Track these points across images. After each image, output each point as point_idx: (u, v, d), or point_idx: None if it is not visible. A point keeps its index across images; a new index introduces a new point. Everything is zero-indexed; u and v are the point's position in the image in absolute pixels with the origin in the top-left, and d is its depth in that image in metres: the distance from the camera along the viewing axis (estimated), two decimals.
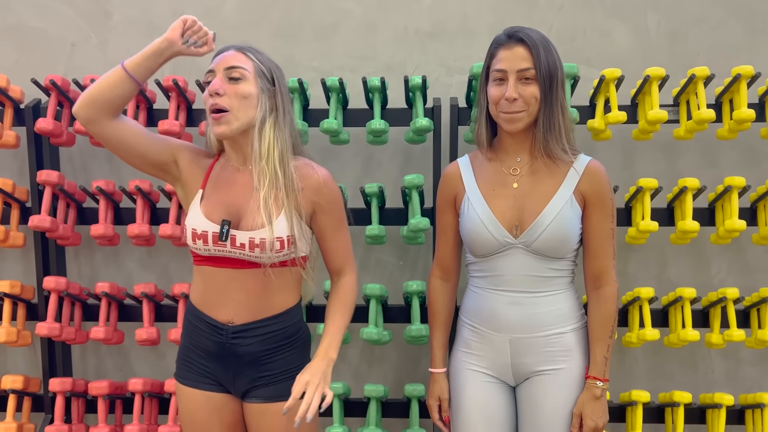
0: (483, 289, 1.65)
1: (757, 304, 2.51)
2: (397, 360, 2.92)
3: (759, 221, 2.53)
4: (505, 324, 1.62)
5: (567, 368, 1.61)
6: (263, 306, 1.55)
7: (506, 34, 1.63)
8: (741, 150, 2.71)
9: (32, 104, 2.63)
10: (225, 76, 1.48)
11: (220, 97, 1.46)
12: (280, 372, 1.58)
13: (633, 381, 2.83)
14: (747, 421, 2.59)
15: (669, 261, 2.80)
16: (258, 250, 1.49)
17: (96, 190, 2.57)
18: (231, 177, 1.55)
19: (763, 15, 2.69)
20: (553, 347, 1.61)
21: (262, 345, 1.56)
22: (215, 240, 1.50)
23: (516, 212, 1.59)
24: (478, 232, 1.61)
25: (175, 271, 2.91)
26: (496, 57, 1.60)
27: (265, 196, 1.49)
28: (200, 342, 1.58)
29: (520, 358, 1.61)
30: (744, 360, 2.84)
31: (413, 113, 2.55)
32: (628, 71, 2.53)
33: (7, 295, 2.58)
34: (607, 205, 1.60)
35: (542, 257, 1.58)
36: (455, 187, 1.70)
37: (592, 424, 1.56)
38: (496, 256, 1.61)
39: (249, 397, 1.58)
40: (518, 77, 1.54)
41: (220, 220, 1.50)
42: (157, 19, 2.83)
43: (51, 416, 2.71)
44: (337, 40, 2.80)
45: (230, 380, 1.58)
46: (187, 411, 1.60)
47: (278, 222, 1.49)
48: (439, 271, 1.79)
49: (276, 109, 1.53)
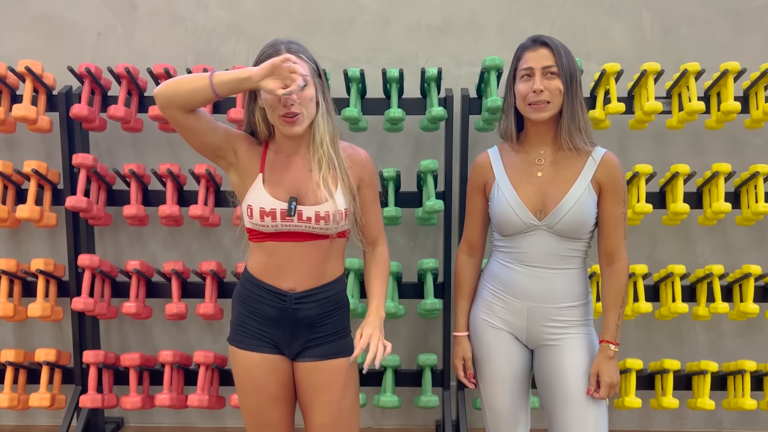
0: (507, 262, 1.85)
1: (739, 279, 2.75)
2: (407, 334, 3.12)
3: (742, 204, 2.76)
4: (524, 294, 1.82)
5: (576, 335, 1.82)
6: (321, 274, 1.73)
7: (531, 40, 1.80)
8: (726, 139, 2.95)
9: (65, 91, 2.76)
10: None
11: (293, 106, 1.61)
12: (330, 334, 1.75)
13: (626, 352, 3.06)
14: (729, 387, 2.84)
15: (659, 241, 3.04)
16: (323, 222, 1.66)
17: (128, 173, 2.70)
18: (286, 161, 1.71)
19: (748, 14, 2.92)
20: (564, 317, 1.82)
21: (318, 309, 1.73)
22: (283, 216, 1.66)
23: (540, 198, 1.79)
24: (506, 215, 1.81)
25: (197, 250, 3.07)
26: (523, 59, 1.78)
27: (324, 175, 1.66)
28: (260, 309, 1.74)
29: (534, 324, 1.82)
30: (725, 333, 3.09)
31: (427, 103, 2.74)
32: (624, 66, 2.74)
33: (41, 272, 2.72)
34: (620, 192, 1.80)
35: (562, 238, 1.79)
36: (485, 174, 1.89)
37: (608, 380, 1.77)
38: (521, 236, 1.81)
39: (302, 357, 1.75)
40: (543, 73, 1.73)
41: (287, 199, 1.66)
42: (181, 10, 2.96)
43: (81, 387, 2.86)
44: (353, 33, 2.97)
45: (286, 343, 1.74)
46: (245, 372, 1.76)
47: (338, 196, 1.67)
48: (467, 248, 1.99)
49: (325, 101, 1.70)
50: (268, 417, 1.76)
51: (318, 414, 1.75)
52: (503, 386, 1.86)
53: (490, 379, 1.88)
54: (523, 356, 1.88)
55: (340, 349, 1.77)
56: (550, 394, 1.83)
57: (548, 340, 1.83)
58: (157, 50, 2.96)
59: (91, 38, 2.97)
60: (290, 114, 1.61)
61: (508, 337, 1.86)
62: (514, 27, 2.94)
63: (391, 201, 2.73)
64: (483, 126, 2.76)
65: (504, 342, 1.86)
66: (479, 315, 1.91)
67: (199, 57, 2.97)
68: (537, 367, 1.88)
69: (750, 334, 3.08)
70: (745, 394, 2.76)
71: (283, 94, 1.52)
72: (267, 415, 1.76)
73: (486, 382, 1.89)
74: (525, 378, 1.89)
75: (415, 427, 3.17)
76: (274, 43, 1.66)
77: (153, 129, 2.91)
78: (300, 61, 1.62)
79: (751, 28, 2.92)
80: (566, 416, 1.78)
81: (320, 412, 1.75)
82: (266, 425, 1.77)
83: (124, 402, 2.72)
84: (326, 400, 1.74)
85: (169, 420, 3.19)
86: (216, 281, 2.77)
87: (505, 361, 1.86)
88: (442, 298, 2.80)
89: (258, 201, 1.67)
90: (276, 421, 1.77)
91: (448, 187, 2.77)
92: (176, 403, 2.73)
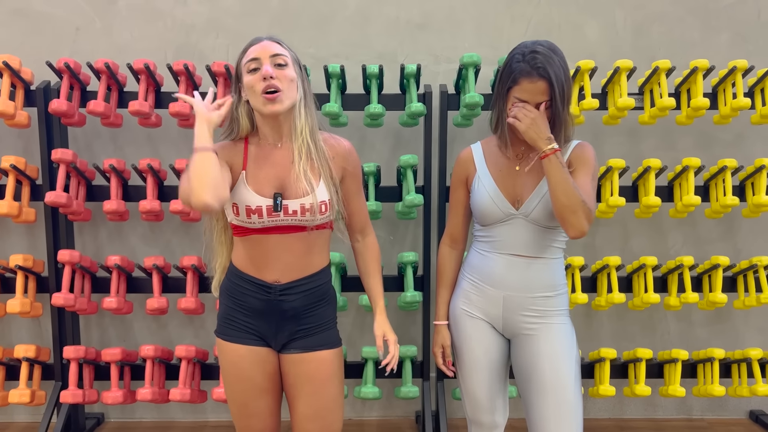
0: (486, 251, 1.91)
1: (708, 270, 2.84)
2: None
3: (711, 197, 2.85)
4: (500, 282, 1.88)
5: (552, 325, 1.88)
6: (305, 265, 1.76)
7: (531, 65, 1.73)
8: (696, 135, 3.04)
9: (43, 86, 2.74)
10: (272, 63, 1.66)
11: (273, 79, 1.64)
12: (315, 325, 1.79)
13: (600, 342, 3.15)
14: (698, 374, 2.94)
15: (632, 234, 3.12)
16: (309, 214, 1.69)
17: (108, 168, 2.70)
18: (269, 154, 1.74)
19: (716, 13, 3.01)
20: (539, 307, 1.88)
21: (303, 300, 1.76)
22: (269, 212, 1.68)
23: (518, 189, 1.86)
24: (485, 204, 1.87)
25: (177, 245, 3.07)
26: (520, 85, 1.75)
27: (303, 167, 1.69)
28: (246, 301, 1.77)
29: (510, 313, 1.88)
30: (695, 322, 3.19)
31: (407, 99, 2.78)
32: (597, 62, 2.80)
33: (20, 267, 2.71)
34: (588, 164, 1.84)
35: (539, 227, 1.85)
36: (468, 168, 1.95)
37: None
38: (500, 225, 1.87)
39: (287, 349, 1.78)
40: (537, 104, 1.76)
41: (271, 195, 1.69)
42: (160, 5, 2.96)
43: (61, 383, 2.85)
44: (333, 29, 2.99)
45: (272, 335, 1.77)
46: (232, 364, 1.78)
47: (319, 188, 1.70)
48: (449, 240, 2.04)
49: (305, 92, 1.73)
50: (254, 408, 1.79)
51: (302, 405, 1.79)
52: (481, 374, 1.92)
53: (468, 367, 1.93)
54: (500, 345, 1.94)
55: (325, 340, 1.80)
56: (526, 383, 1.89)
57: (524, 329, 1.89)
58: (136, 45, 2.96)
59: (70, 33, 2.96)
60: (271, 88, 1.64)
61: (485, 326, 1.92)
62: (492, 24, 2.99)
63: (371, 195, 2.77)
64: (461, 121, 2.81)
65: (481, 331, 1.92)
66: (458, 304, 1.96)
67: (179, 52, 2.97)
68: (514, 356, 1.94)
69: (719, 323, 3.18)
70: (714, 380, 2.85)
71: (219, 103, 1.66)
72: (253, 406, 1.79)
73: (464, 369, 1.95)
74: (502, 366, 1.95)
75: (396, 418, 3.22)
76: (255, 37, 1.74)
77: (133, 124, 2.91)
78: (281, 47, 1.70)
79: (720, 26, 3.01)
80: (542, 404, 1.84)
81: (304, 403, 1.79)
82: (252, 416, 1.80)
83: (105, 397, 2.72)
84: (310, 391, 1.78)
85: (151, 415, 3.20)
86: (197, 276, 2.78)
87: (483, 349, 1.92)
88: (422, 291, 2.85)
89: (243, 200, 1.70)
90: (262, 412, 1.81)
91: (428, 181, 2.82)
92: (158, 398, 2.74)
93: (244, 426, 1.82)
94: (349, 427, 3.12)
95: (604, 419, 3.23)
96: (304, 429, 1.80)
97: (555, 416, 1.82)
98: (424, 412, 2.86)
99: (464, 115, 2.76)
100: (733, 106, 2.72)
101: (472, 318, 1.93)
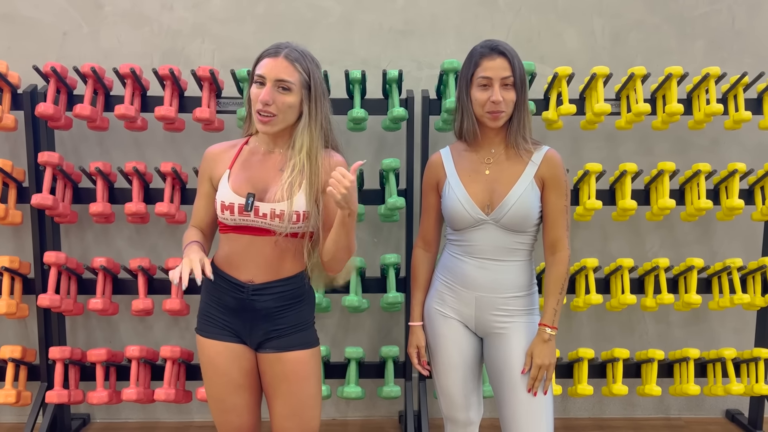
0: (458, 255, 1.96)
1: (684, 272, 2.91)
2: (370, 328, 3.21)
3: (686, 200, 2.92)
4: (473, 284, 1.93)
5: (521, 323, 1.94)
6: (277, 269, 1.80)
7: (489, 47, 1.87)
8: (671, 140, 3.11)
9: (30, 89, 2.78)
10: (275, 86, 1.70)
11: (269, 105, 1.69)
12: (290, 326, 1.83)
13: (579, 342, 3.21)
14: (675, 374, 3.00)
15: (610, 236, 3.19)
16: (277, 220, 1.73)
17: (94, 170, 2.74)
18: (260, 158, 1.80)
19: (692, 22, 3.08)
20: (509, 306, 1.94)
21: (275, 302, 1.81)
22: (240, 210, 1.74)
23: (488, 194, 1.91)
24: (456, 210, 1.92)
25: (163, 248, 3.11)
26: (481, 66, 1.86)
27: (291, 180, 1.74)
28: (222, 299, 1.82)
29: (482, 312, 1.94)
30: (673, 323, 3.26)
31: (389, 103, 2.83)
32: (576, 69, 2.87)
33: (6, 269, 2.73)
34: (561, 186, 1.92)
35: (508, 231, 1.91)
36: (438, 173, 2.00)
37: (539, 361, 1.89)
38: (471, 230, 1.93)
39: (263, 348, 1.83)
40: (501, 83, 1.83)
41: (246, 194, 1.75)
42: (147, 11, 3.00)
43: (47, 384, 2.88)
44: (317, 35, 3.05)
45: (247, 333, 1.82)
46: (209, 360, 1.84)
47: (298, 198, 1.74)
48: (422, 243, 2.10)
49: (309, 114, 1.76)
50: (231, 404, 1.84)
51: (279, 403, 1.84)
52: (455, 372, 1.97)
53: (443, 366, 1.99)
54: (473, 343, 1.99)
55: (301, 341, 1.85)
56: (498, 381, 1.95)
57: (496, 328, 1.95)
58: (123, 50, 3.00)
59: (57, 38, 2.99)
60: (265, 112, 1.70)
61: (458, 325, 1.98)
62: (473, 31, 3.05)
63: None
64: (442, 126, 2.87)
65: (455, 330, 1.98)
66: (432, 305, 2.02)
67: (165, 57, 3.01)
68: (486, 354, 1.99)
69: (696, 324, 3.25)
70: (690, 380, 2.92)
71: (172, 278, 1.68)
72: (230, 402, 1.84)
73: (439, 368, 2.00)
74: (476, 364, 2.01)
75: (379, 418, 3.26)
76: (277, 45, 1.74)
77: (119, 128, 2.95)
78: (292, 69, 1.71)
79: (695, 34, 3.09)
80: (514, 401, 1.90)
81: (281, 402, 1.84)
82: (230, 411, 1.85)
83: (90, 397, 2.75)
84: (287, 390, 1.83)
85: (136, 415, 3.23)
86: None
87: (456, 348, 1.97)
88: (404, 292, 2.90)
89: (221, 195, 1.78)
90: (239, 408, 1.85)
91: (410, 184, 2.88)
92: (143, 398, 2.77)
93: (223, 421, 1.87)
94: (332, 427, 3.17)
95: (583, 418, 3.29)
96: (282, 427, 1.85)
97: (526, 412, 1.88)
98: (407, 411, 2.90)
99: (445, 119, 2.81)
100: (706, 111, 2.79)
101: (446, 318, 1.98)
